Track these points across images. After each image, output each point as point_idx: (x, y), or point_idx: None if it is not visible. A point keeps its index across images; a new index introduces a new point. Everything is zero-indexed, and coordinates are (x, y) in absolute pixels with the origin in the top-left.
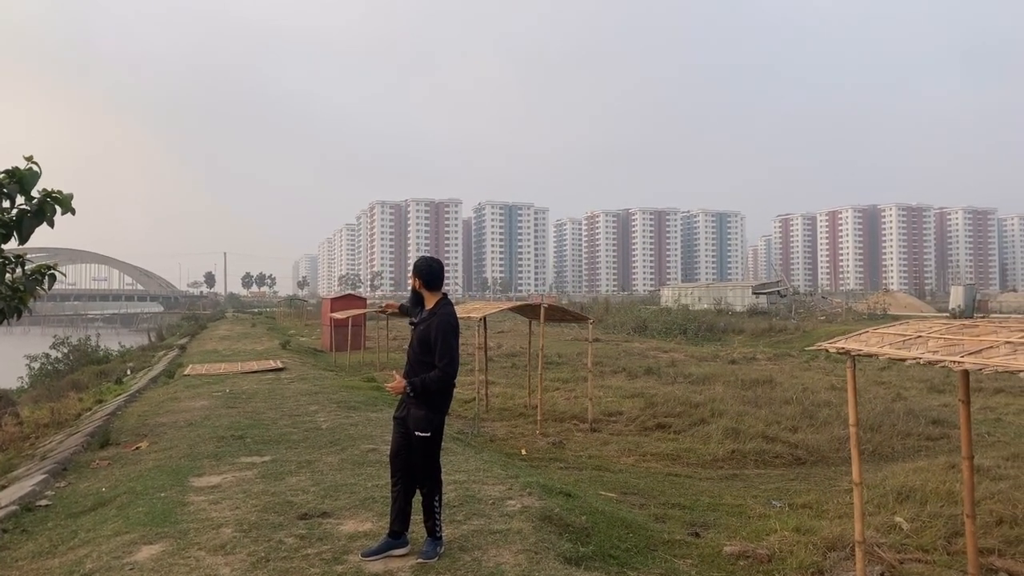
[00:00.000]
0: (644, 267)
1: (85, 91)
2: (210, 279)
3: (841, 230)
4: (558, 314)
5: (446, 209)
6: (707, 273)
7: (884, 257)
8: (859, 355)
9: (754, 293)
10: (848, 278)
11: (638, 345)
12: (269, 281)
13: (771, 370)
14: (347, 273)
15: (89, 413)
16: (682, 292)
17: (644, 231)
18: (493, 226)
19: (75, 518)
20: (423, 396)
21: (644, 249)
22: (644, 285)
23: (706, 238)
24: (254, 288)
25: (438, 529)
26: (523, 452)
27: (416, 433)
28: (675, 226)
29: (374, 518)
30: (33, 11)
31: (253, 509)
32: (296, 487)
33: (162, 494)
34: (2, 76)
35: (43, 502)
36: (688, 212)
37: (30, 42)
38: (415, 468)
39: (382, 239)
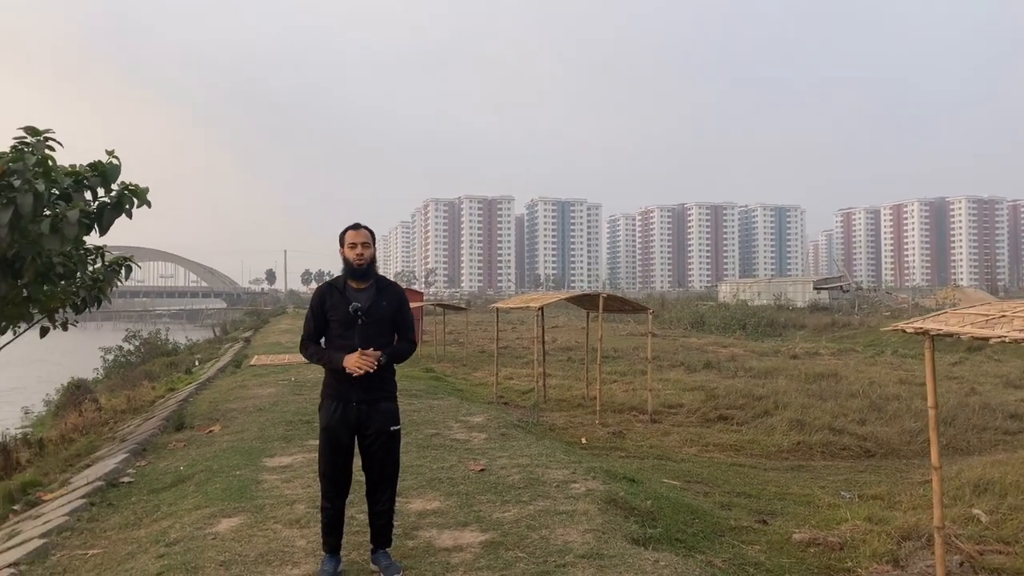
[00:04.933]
0: (700, 263)
1: (152, 91)
2: (271, 276)
3: (906, 224)
4: (617, 304)
5: (499, 206)
6: (766, 269)
7: (953, 252)
8: (938, 335)
9: (815, 289)
10: (914, 274)
11: (696, 340)
12: (328, 277)
13: (835, 365)
14: (402, 270)
15: (162, 400)
16: (740, 288)
17: (700, 226)
18: (546, 223)
19: (157, 493)
20: (388, 369)
21: (700, 244)
22: (700, 281)
23: (765, 233)
24: (313, 285)
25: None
26: (583, 441)
27: (391, 428)
28: (732, 221)
29: (441, 497)
30: (99, 9)
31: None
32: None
33: (237, 472)
34: (79, 75)
35: (126, 479)
36: (746, 206)
37: (98, 44)
38: (384, 469)
39: (436, 236)
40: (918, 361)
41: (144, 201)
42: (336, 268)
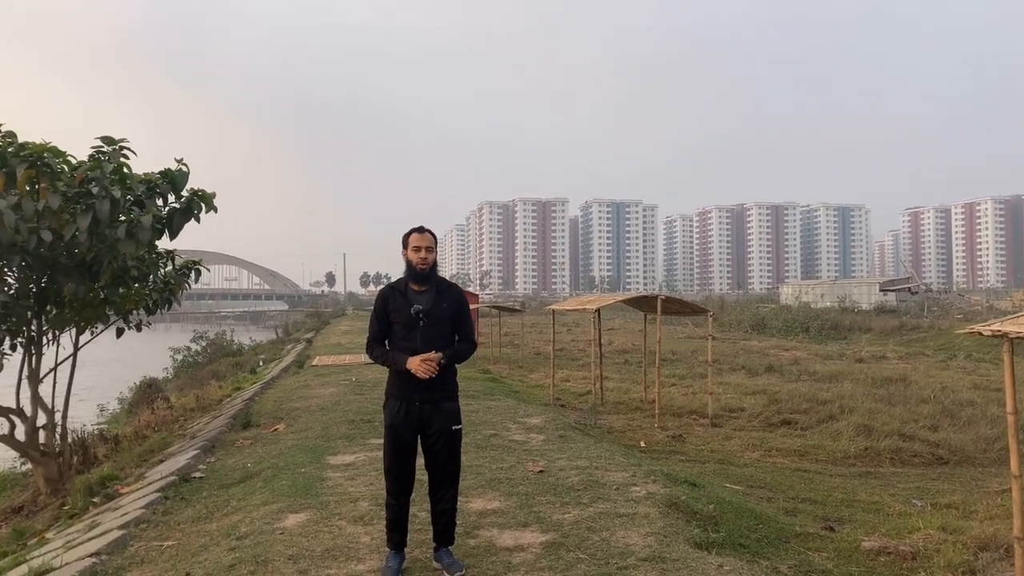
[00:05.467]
0: (760, 264)
1: (206, 98)
2: (331, 279)
3: (979, 223)
4: (675, 307)
5: (553, 208)
6: (829, 270)
7: None
8: (1018, 337)
9: (882, 290)
10: (988, 274)
11: (757, 343)
12: (386, 280)
13: (904, 369)
14: (457, 272)
15: (229, 399)
16: (803, 289)
17: (760, 227)
18: (600, 224)
19: (226, 489)
20: (450, 370)
21: (760, 245)
22: (761, 283)
23: (827, 233)
24: (371, 287)
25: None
26: (642, 444)
27: (453, 427)
28: (794, 221)
29: (501, 497)
30: (151, 16)
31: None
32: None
33: (302, 470)
34: (133, 81)
35: (197, 474)
36: (808, 206)
37: (150, 46)
38: (447, 468)
39: (490, 239)
40: (993, 366)
41: (211, 206)
42: (393, 271)
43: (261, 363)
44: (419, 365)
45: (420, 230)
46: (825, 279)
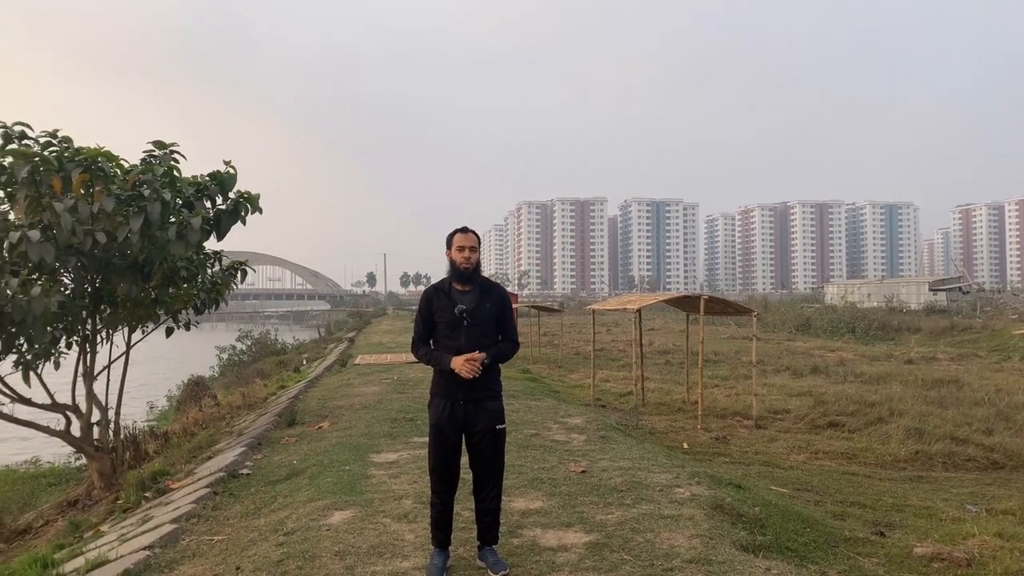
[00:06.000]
0: (804, 263)
1: (252, 100)
2: (371, 279)
3: None
4: (719, 307)
5: (591, 208)
6: (875, 269)
7: None
8: None
9: (931, 290)
10: None
11: (801, 344)
12: (425, 280)
13: (956, 371)
14: (495, 272)
15: (274, 397)
16: (849, 289)
17: (804, 225)
18: (640, 223)
19: (273, 485)
20: (493, 369)
21: (804, 244)
22: (805, 283)
23: (874, 232)
24: (411, 287)
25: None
26: (685, 446)
27: (497, 427)
28: (839, 219)
29: (543, 497)
30: (202, 20)
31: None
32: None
33: (347, 467)
34: (183, 85)
35: (244, 471)
36: (853, 204)
37: (200, 49)
38: (491, 467)
39: (528, 239)
40: None
41: (256, 207)
42: (432, 271)
43: (305, 362)
44: (463, 365)
45: (464, 230)
46: (871, 278)
